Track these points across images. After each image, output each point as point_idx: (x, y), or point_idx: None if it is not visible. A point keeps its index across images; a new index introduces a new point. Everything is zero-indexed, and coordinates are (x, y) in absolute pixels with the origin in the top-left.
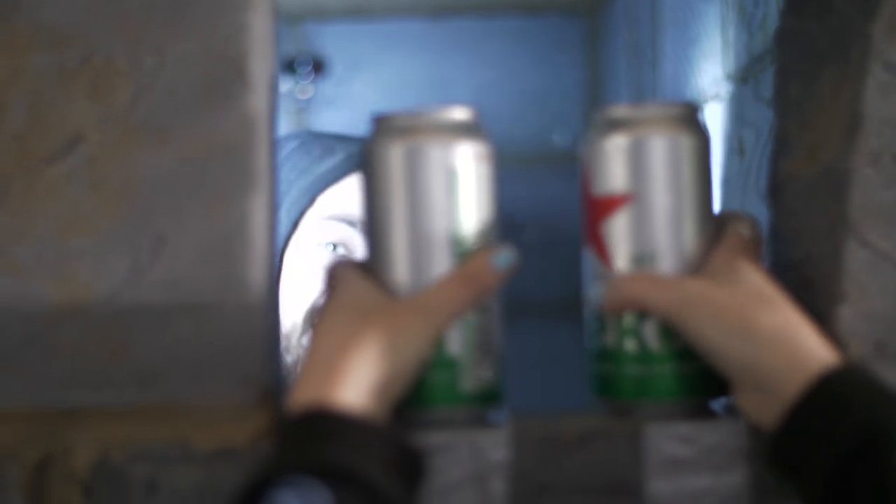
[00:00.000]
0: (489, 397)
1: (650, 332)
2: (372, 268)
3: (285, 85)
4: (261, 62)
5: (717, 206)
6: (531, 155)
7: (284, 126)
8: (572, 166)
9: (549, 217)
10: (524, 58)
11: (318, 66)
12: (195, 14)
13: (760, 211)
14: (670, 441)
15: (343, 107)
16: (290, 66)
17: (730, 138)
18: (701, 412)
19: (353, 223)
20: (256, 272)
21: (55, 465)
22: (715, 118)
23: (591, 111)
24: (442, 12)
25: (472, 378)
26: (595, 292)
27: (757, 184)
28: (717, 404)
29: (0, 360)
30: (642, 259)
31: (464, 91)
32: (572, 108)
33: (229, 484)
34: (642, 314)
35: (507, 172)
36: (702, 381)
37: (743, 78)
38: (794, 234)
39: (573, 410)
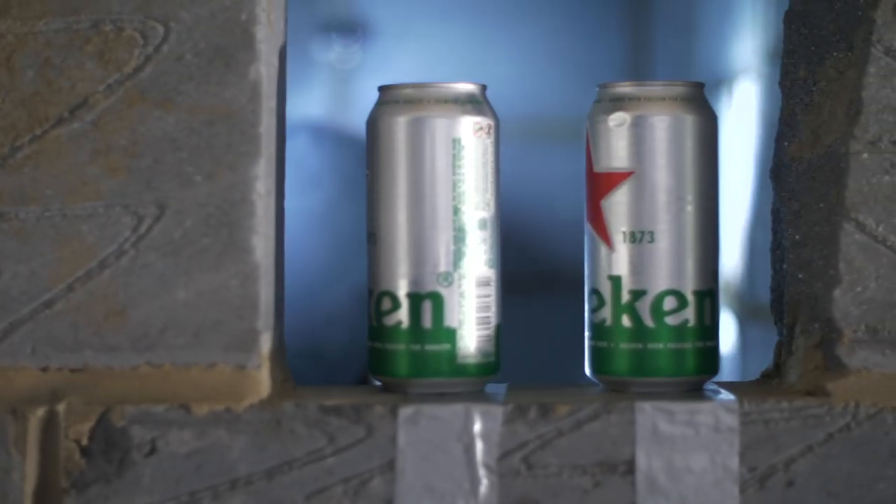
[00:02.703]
0: (487, 370)
1: (646, 310)
2: (373, 234)
3: (329, 54)
4: (267, 30)
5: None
6: (572, 126)
7: (327, 95)
8: None
9: None
10: (568, 29)
11: (363, 35)
12: None
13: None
14: (663, 418)
15: (385, 76)
16: (333, 35)
17: (766, 115)
18: (696, 391)
19: None
20: (257, 239)
21: (57, 424)
22: (751, 93)
23: (600, 87)
24: None
25: (471, 350)
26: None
27: None
28: (713, 384)
29: (6, 320)
30: (641, 237)
31: (507, 60)
32: (615, 79)
33: (228, 448)
34: (640, 291)
35: (547, 143)
36: (698, 360)
37: (777, 54)
38: (794, 215)
39: (570, 385)
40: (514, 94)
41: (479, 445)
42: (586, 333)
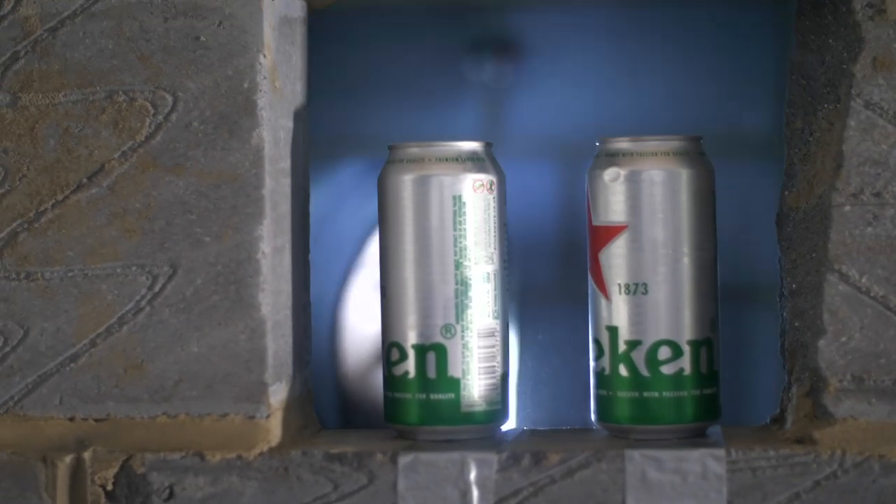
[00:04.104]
0: (494, 417)
1: (641, 359)
2: (384, 287)
3: (482, 73)
4: (271, 97)
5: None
6: (719, 141)
7: (481, 116)
8: (760, 154)
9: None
10: (716, 43)
11: (516, 54)
12: (209, 55)
13: None
14: (652, 466)
15: (539, 96)
16: (486, 54)
17: None
18: (696, 438)
19: None
20: (263, 295)
21: (84, 471)
22: None
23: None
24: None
25: (475, 399)
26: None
27: None
28: (714, 430)
29: (36, 373)
30: (635, 289)
31: (654, 79)
32: (763, 94)
33: (240, 493)
34: (635, 341)
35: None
36: (696, 408)
37: None
38: (792, 264)
39: (580, 431)
40: (669, 113)
41: (474, 492)
42: (592, 381)
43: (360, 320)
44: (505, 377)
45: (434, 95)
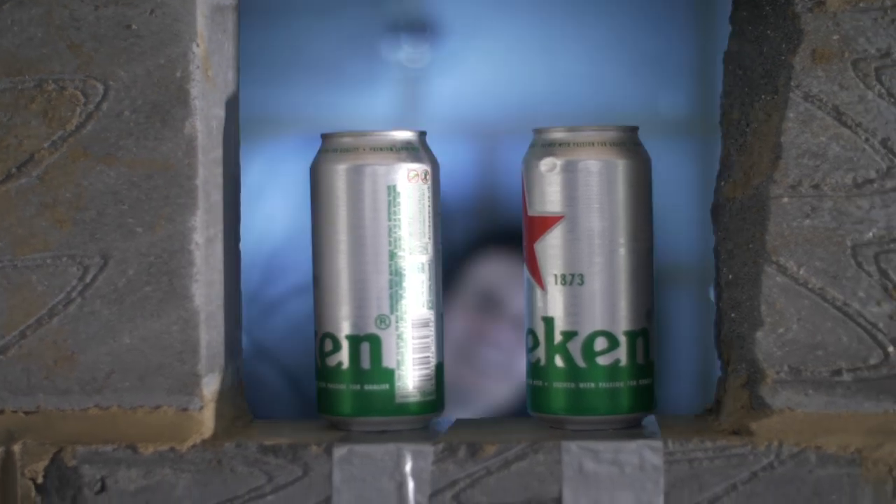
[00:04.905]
0: (428, 408)
1: (577, 350)
2: (317, 277)
3: (398, 53)
4: (204, 86)
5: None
6: (639, 121)
7: (396, 95)
8: (680, 134)
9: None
10: (635, 23)
11: (431, 34)
12: (141, 43)
13: None
14: (589, 457)
15: (455, 76)
16: (402, 34)
17: None
18: (630, 429)
19: None
20: (196, 286)
21: (14, 463)
22: None
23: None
24: None
25: (410, 390)
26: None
27: None
28: (649, 420)
29: None
30: (571, 280)
31: (575, 56)
32: (683, 74)
33: (173, 486)
34: (571, 332)
35: None
36: (631, 399)
37: None
38: (728, 255)
39: (514, 421)
40: (588, 92)
41: (410, 484)
42: (526, 372)
43: None
44: (440, 367)
45: (351, 75)
